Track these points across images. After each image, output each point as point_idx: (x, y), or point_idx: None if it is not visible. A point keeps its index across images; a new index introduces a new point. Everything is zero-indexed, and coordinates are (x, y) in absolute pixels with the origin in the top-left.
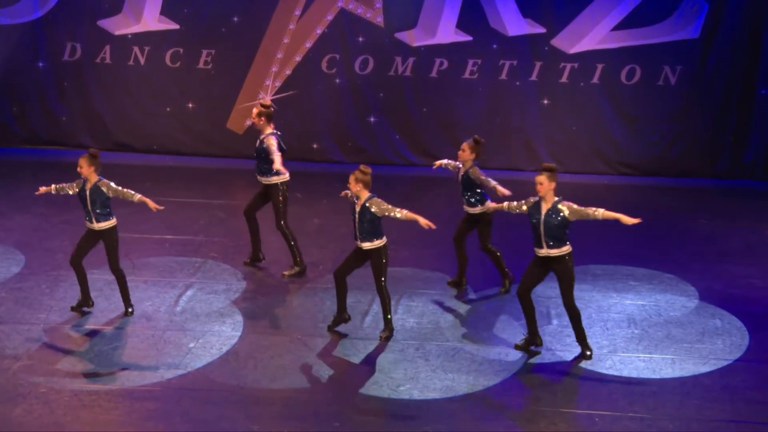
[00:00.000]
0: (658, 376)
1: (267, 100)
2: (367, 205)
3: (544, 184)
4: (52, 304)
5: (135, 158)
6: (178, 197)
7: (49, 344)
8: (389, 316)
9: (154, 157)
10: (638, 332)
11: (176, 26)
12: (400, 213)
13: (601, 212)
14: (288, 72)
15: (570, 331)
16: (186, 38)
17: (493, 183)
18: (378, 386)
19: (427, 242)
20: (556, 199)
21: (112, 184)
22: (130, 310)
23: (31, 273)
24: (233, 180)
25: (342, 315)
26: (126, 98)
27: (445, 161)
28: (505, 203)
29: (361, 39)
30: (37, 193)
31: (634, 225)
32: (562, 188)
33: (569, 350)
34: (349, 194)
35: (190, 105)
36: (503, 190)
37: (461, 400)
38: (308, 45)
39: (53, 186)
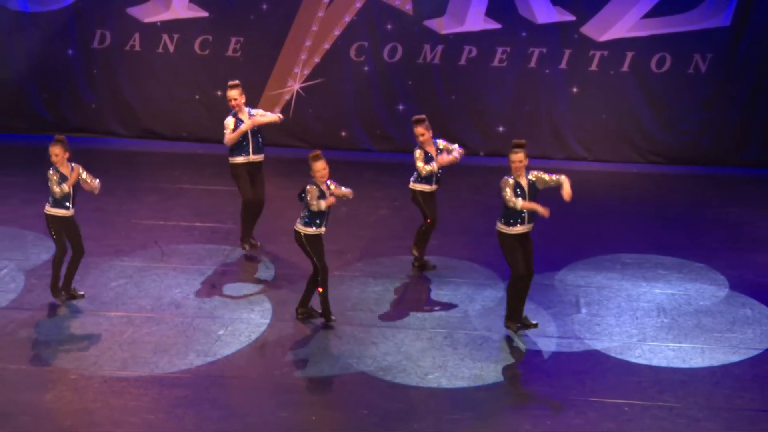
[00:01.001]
0: (687, 366)
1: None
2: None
3: (524, 161)
4: (82, 291)
5: (164, 145)
6: (206, 185)
7: (78, 331)
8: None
9: (183, 145)
10: (668, 321)
11: (205, 14)
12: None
13: (555, 179)
14: (316, 60)
15: (599, 319)
16: (215, 26)
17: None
18: (406, 374)
19: (455, 230)
20: (526, 172)
21: (81, 169)
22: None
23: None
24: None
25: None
26: (155, 86)
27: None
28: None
29: (389, 26)
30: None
31: (662, 214)
32: (593, 176)
33: (598, 339)
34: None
35: (219, 92)
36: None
37: (489, 388)
38: (337, 33)
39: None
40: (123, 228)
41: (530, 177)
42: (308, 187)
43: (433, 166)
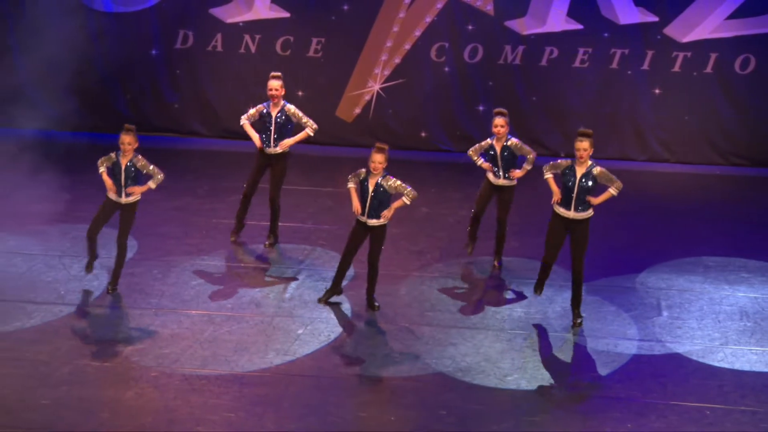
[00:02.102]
0: None
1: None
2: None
3: (588, 150)
4: (163, 290)
5: (245, 145)
6: (286, 184)
7: (160, 329)
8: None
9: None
10: (750, 325)
11: (287, 14)
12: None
13: (616, 187)
14: (397, 60)
15: (681, 322)
16: (296, 26)
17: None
18: (485, 375)
19: (535, 232)
20: (590, 163)
21: (143, 159)
22: (114, 288)
23: (143, 258)
24: (340, 168)
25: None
26: (236, 86)
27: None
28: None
29: (470, 27)
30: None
31: (744, 217)
32: (674, 178)
33: (679, 342)
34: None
35: (300, 93)
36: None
37: (569, 390)
38: (417, 33)
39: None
40: (204, 227)
41: (595, 171)
42: (361, 169)
43: (482, 162)
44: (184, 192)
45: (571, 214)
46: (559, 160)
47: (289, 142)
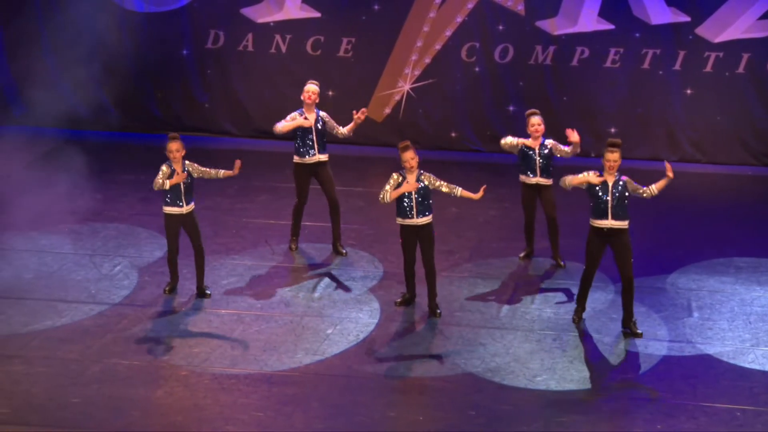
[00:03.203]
0: None
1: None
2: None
3: (619, 161)
4: (193, 289)
5: (275, 145)
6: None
7: (189, 328)
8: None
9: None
10: None
11: (317, 14)
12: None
13: (650, 189)
14: (427, 60)
15: (712, 323)
16: (327, 26)
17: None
18: (515, 376)
19: (566, 232)
20: (618, 173)
21: (196, 165)
22: (207, 291)
23: None
24: (371, 168)
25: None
26: (267, 86)
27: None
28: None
29: (501, 27)
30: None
31: None
32: (706, 179)
33: (710, 343)
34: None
35: (330, 93)
36: None
37: (598, 391)
38: (448, 33)
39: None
40: (234, 227)
41: (624, 180)
42: (393, 174)
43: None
44: (214, 191)
45: (608, 223)
46: (596, 172)
47: (347, 128)
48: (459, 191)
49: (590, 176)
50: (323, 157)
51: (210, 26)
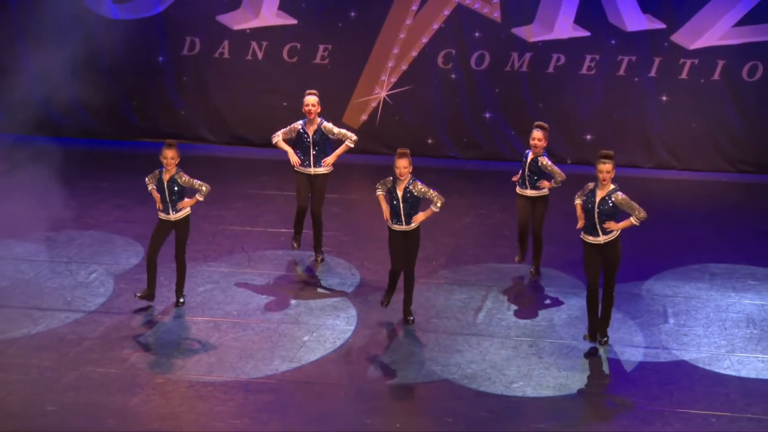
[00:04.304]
0: None
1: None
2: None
3: (611, 172)
4: (170, 296)
5: (252, 152)
6: (293, 191)
7: (166, 335)
8: None
9: (271, 151)
10: (757, 332)
11: (294, 21)
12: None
13: (638, 216)
14: (404, 67)
15: (687, 329)
16: (303, 33)
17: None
18: (491, 383)
19: (548, 239)
20: (612, 187)
21: (185, 175)
22: (182, 300)
23: None
24: (348, 174)
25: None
26: (244, 92)
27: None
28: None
29: (477, 34)
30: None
31: (752, 224)
32: (682, 185)
33: (685, 349)
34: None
35: None
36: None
37: (575, 398)
38: (424, 40)
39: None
40: (210, 234)
41: (616, 197)
42: (389, 178)
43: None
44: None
45: (599, 239)
46: (588, 185)
47: (330, 159)
48: (437, 207)
49: (578, 211)
50: (319, 170)
51: (186, 33)
